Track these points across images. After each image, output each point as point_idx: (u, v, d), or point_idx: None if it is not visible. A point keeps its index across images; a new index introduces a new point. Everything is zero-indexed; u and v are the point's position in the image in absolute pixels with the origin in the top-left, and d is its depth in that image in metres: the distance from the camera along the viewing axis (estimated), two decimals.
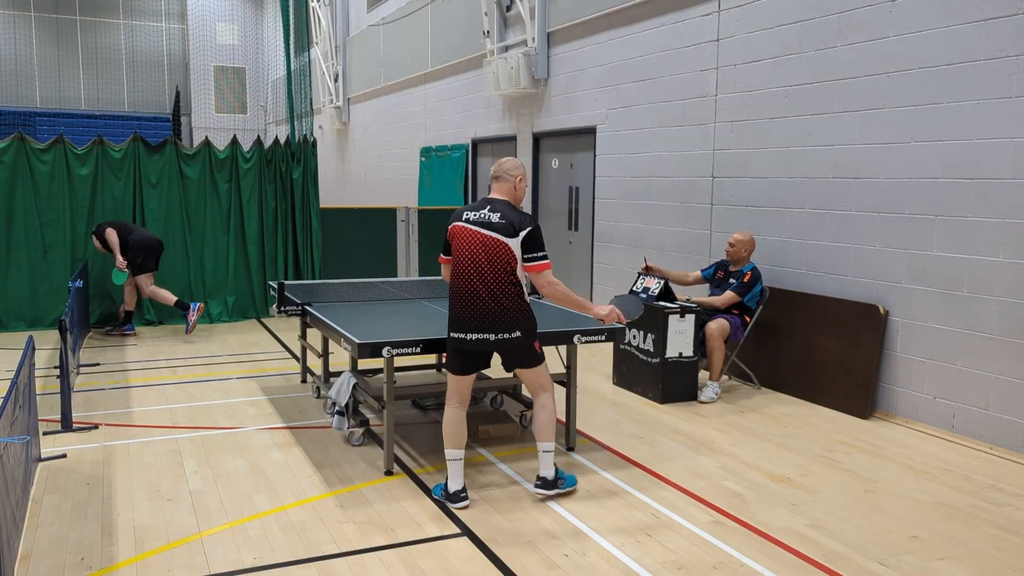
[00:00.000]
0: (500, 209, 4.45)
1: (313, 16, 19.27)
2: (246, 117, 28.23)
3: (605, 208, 9.73)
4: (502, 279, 4.39)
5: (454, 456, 4.56)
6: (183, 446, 5.54)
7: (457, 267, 4.47)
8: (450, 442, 4.57)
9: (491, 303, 4.38)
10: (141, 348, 8.62)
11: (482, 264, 4.39)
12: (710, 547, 4.10)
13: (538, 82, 10.89)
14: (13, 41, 25.27)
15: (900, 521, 4.44)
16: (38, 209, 9.39)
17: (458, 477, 4.56)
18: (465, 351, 4.51)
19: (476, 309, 4.40)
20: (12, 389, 3.98)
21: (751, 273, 6.95)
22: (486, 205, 4.49)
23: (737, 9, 7.61)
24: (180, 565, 3.85)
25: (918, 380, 6.14)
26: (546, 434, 4.62)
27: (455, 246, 4.48)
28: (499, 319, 4.40)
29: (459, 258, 4.46)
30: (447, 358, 4.63)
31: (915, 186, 6.11)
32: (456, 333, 4.48)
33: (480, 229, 4.42)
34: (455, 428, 4.57)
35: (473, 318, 4.41)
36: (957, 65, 5.77)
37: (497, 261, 4.38)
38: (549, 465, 4.62)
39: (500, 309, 4.39)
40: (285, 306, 6.25)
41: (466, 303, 4.42)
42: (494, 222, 4.41)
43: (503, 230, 4.38)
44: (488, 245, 4.39)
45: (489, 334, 4.41)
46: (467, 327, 4.43)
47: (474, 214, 4.48)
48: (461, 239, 4.46)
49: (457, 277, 4.47)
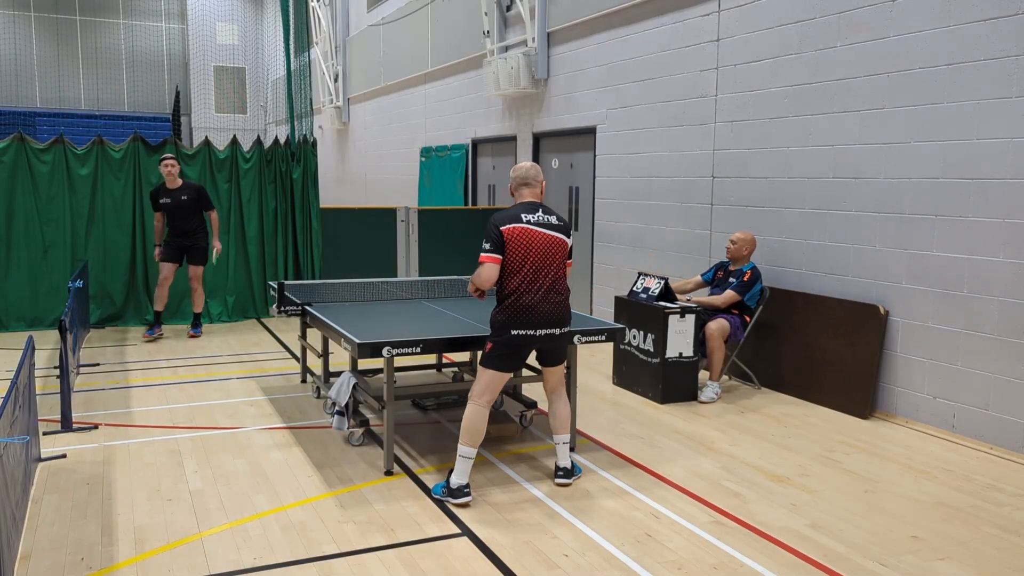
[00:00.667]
0: (553, 212, 4.74)
1: (313, 16, 19.27)
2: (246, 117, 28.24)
3: (605, 208, 9.73)
4: (563, 276, 4.70)
5: (469, 454, 4.59)
6: (183, 446, 5.54)
7: (523, 267, 4.55)
8: (470, 440, 4.60)
9: (558, 299, 4.62)
10: (141, 348, 8.63)
11: (550, 263, 4.60)
12: (710, 547, 4.10)
13: (538, 82, 10.89)
14: (13, 41, 25.28)
15: (900, 521, 4.44)
16: (38, 209, 9.39)
17: (465, 474, 4.59)
18: (523, 347, 4.63)
19: (546, 306, 4.57)
20: (12, 389, 3.98)
21: (751, 272, 6.95)
22: (537, 208, 4.68)
23: (737, 9, 7.61)
24: (180, 565, 3.85)
25: (918, 380, 6.14)
26: (568, 427, 4.93)
27: (519, 247, 4.55)
28: (563, 313, 4.67)
29: (526, 258, 4.55)
30: (496, 356, 4.63)
31: (915, 186, 6.11)
32: (522, 330, 4.56)
33: (545, 231, 4.61)
34: (479, 427, 4.61)
35: (542, 315, 4.56)
36: (957, 65, 5.77)
37: (561, 259, 4.67)
38: (567, 455, 4.92)
39: (564, 304, 4.68)
40: (285, 306, 6.25)
41: (537, 301, 4.54)
42: (555, 224, 4.67)
43: (563, 231, 4.69)
44: (554, 245, 4.62)
45: (555, 328, 4.63)
46: (535, 323, 4.55)
47: (533, 216, 4.63)
48: (527, 240, 4.56)
49: (524, 276, 4.54)
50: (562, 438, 4.90)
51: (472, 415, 4.63)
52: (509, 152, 12.03)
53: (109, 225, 9.66)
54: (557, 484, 4.84)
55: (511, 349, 4.61)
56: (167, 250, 8.99)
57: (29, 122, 24.06)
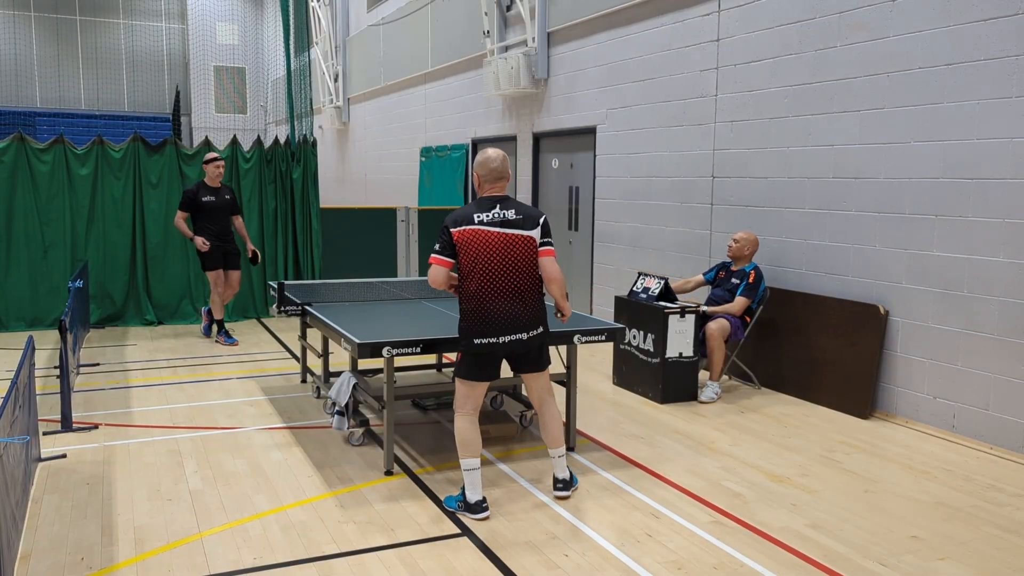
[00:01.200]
0: (513, 205, 4.39)
1: (313, 16, 19.26)
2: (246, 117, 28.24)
3: (605, 208, 9.73)
4: (529, 276, 4.37)
5: (472, 466, 4.42)
6: (183, 446, 5.54)
7: (478, 271, 4.29)
8: (468, 451, 4.43)
9: (521, 302, 4.34)
10: (141, 348, 8.62)
11: (509, 264, 4.31)
12: (710, 547, 4.10)
13: (538, 82, 10.89)
14: (13, 41, 25.27)
15: (900, 521, 4.44)
16: (38, 209, 9.39)
17: (477, 487, 4.42)
18: (492, 355, 4.40)
19: (508, 310, 4.31)
20: (12, 389, 3.98)
21: (755, 273, 6.95)
22: (494, 204, 4.36)
23: (737, 9, 7.61)
24: (180, 565, 3.85)
25: (918, 380, 6.14)
26: (562, 439, 4.70)
27: (471, 251, 4.29)
28: (530, 317, 4.38)
29: (480, 262, 4.29)
30: (464, 365, 4.44)
31: (915, 186, 6.11)
32: (484, 338, 4.33)
33: (500, 229, 4.31)
34: (472, 436, 4.44)
35: (505, 320, 4.31)
36: (957, 65, 5.77)
37: (524, 258, 4.34)
38: (565, 467, 4.72)
39: (530, 307, 4.38)
40: (285, 306, 6.25)
41: (496, 306, 4.30)
42: (512, 219, 4.34)
43: (523, 225, 4.35)
44: (512, 244, 4.31)
45: (522, 333, 4.36)
46: (498, 330, 4.31)
47: (486, 215, 4.32)
48: (479, 242, 4.29)
49: (480, 281, 4.29)
50: (557, 452, 4.67)
51: (461, 426, 4.46)
52: (509, 152, 12.03)
53: (109, 225, 9.66)
54: (556, 497, 4.66)
55: (476, 358, 4.40)
56: (212, 254, 8.63)
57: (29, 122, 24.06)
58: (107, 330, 9.53)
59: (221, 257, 8.72)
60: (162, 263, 9.92)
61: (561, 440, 4.69)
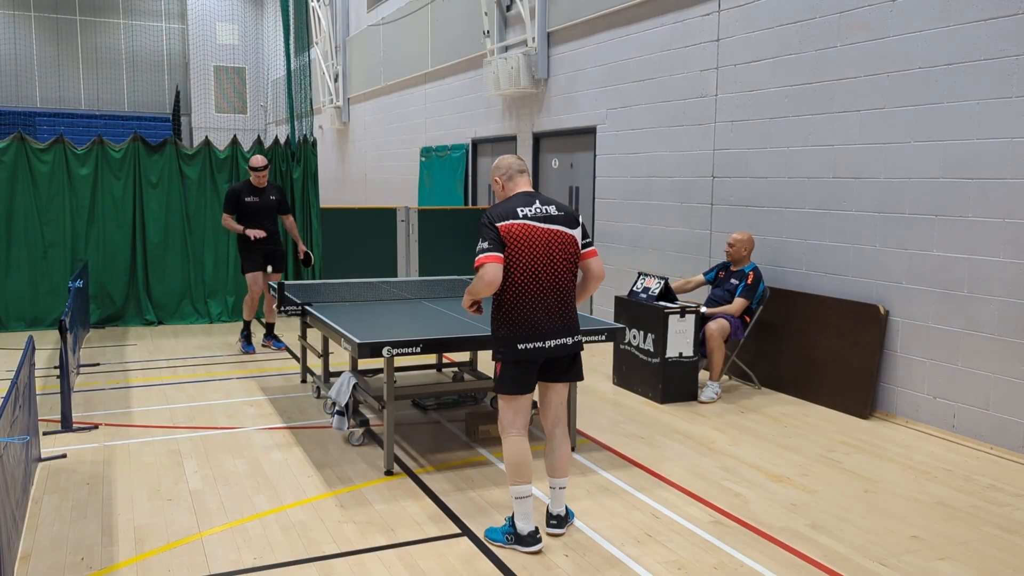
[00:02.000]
0: (551, 201, 4.06)
1: (313, 16, 19.26)
2: (246, 117, 28.24)
3: (605, 208, 9.73)
4: (571, 276, 4.03)
5: (524, 493, 3.97)
6: (183, 446, 5.54)
7: (523, 269, 3.91)
8: (520, 477, 3.96)
9: (565, 304, 4.00)
10: (141, 348, 8.63)
11: (554, 262, 3.95)
12: (710, 547, 4.10)
13: (538, 82, 10.89)
14: (13, 41, 25.27)
15: (900, 521, 4.44)
16: (38, 209, 9.39)
17: (530, 516, 3.99)
18: (535, 362, 3.99)
19: (553, 312, 3.96)
20: (12, 389, 3.98)
21: (753, 273, 6.95)
22: (534, 199, 4.01)
23: (737, 9, 7.61)
24: (180, 565, 3.85)
25: (918, 380, 6.14)
26: (566, 470, 4.21)
27: (517, 247, 3.90)
28: (573, 320, 4.04)
29: (526, 258, 3.91)
30: (507, 379, 4.00)
31: (915, 186, 6.11)
32: (531, 343, 3.93)
33: (544, 225, 3.95)
34: (524, 459, 3.97)
35: (550, 323, 3.95)
36: (957, 65, 5.77)
37: (568, 257, 4.00)
38: (563, 502, 4.24)
39: (572, 309, 4.06)
40: (285, 306, 6.25)
41: (541, 308, 3.93)
42: (555, 215, 3.99)
43: (566, 222, 4.01)
44: (557, 240, 3.96)
45: (567, 337, 4.00)
46: (544, 334, 3.93)
47: (529, 210, 3.95)
48: (526, 238, 3.91)
49: (525, 281, 3.91)
50: (559, 482, 4.17)
51: (513, 449, 4.00)
52: (509, 152, 12.03)
53: (109, 225, 9.67)
54: (549, 534, 4.17)
55: (522, 366, 3.98)
56: (253, 256, 8.23)
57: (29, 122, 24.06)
58: (107, 330, 9.53)
59: (262, 259, 8.24)
60: (162, 263, 9.92)
61: (566, 470, 4.20)
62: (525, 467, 3.97)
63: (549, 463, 4.19)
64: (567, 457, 4.20)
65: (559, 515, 4.20)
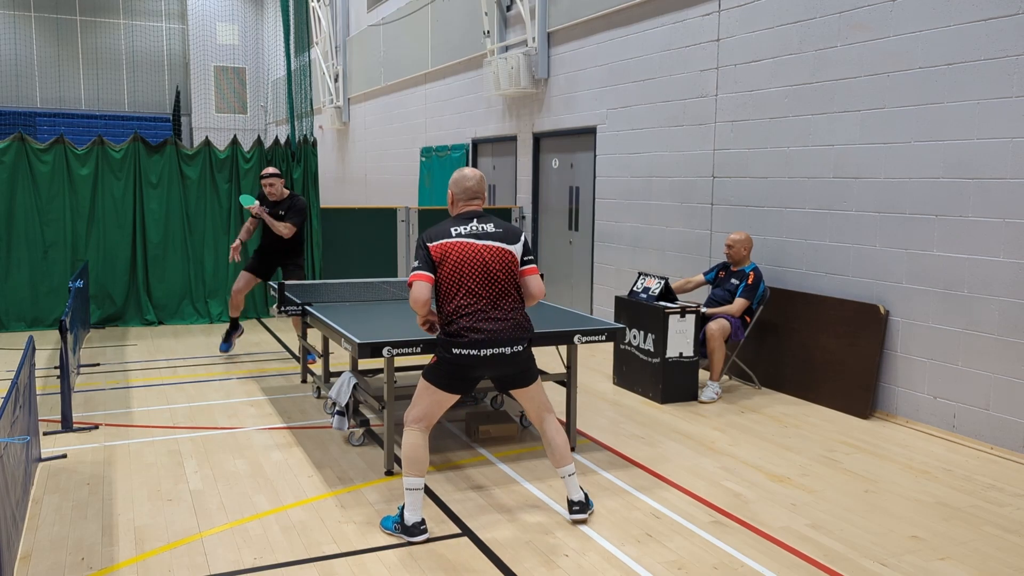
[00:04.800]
0: (491, 220, 4.30)
1: (313, 16, 19.26)
2: (246, 117, 28.24)
3: (605, 208, 9.73)
4: (511, 289, 4.23)
5: (416, 485, 4.16)
6: (183, 446, 5.54)
7: (458, 285, 4.15)
8: (415, 468, 4.16)
9: (503, 316, 4.17)
10: (141, 348, 8.63)
11: (490, 276, 4.17)
12: (710, 547, 4.10)
13: (538, 82, 10.89)
14: (13, 41, 25.28)
15: (900, 521, 4.44)
16: (38, 209, 9.40)
17: (418, 508, 4.16)
18: (468, 369, 4.18)
19: (490, 324, 4.14)
20: (12, 389, 3.98)
21: (754, 273, 6.95)
22: (471, 219, 4.26)
23: (737, 9, 7.61)
24: (180, 565, 3.85)
25: (918, 380, 6.14)
26: (569, 457, 4.40)
27: (452, 262, 4.15)
28: (511, 331, 4.19)
29: (462, 273, 4.14)
30: (437, 370, 4.22)
31: (915, 186, 6.11)
32: (465, 350, 4.12)
33: (479, 241, 4.19)
34: (423, 454, 4.19)
35: (487, 334, 4.12)
36: (957, 65, 5.77)
37: (504, 271, 4.20)
38: (578, 487, 4.43)
39: (513, 320, 4.20)
40: (285, 306, 6.25)
41: (478, 320, 4.12)
42: (491, 232, 4.24)
43: (503, 238, 4.24)
44: (494, 256, 4.19)
45: (505, 347, 4.16)
46: (479, 344, 4.11)
47: (464, 228, 4.21)
48: (460, 254, 4.16)
49: (460, 295, 4.14)
50: (566, 470, 4.38)
51: (413, 443, 4.18)
52: (510, 152, 12.04)
53: (109, 225, 9.67)
54: (572, 521, 4.36)
55: (455, 369, 4.18)
56: (253, 258, 8.01)
57: (29, 122, 24.08)
58: (107, 330, 9.54)
59: (264, 267, 7.95)
60: (162, 263, 9.93)
61: (568, 457, 4.38)
62: (419, 462, 4.18)
63: (550, 456, 4.41)
64: (563, 445, 4.38)
65: (579, 501, 4.39)
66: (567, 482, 4.39)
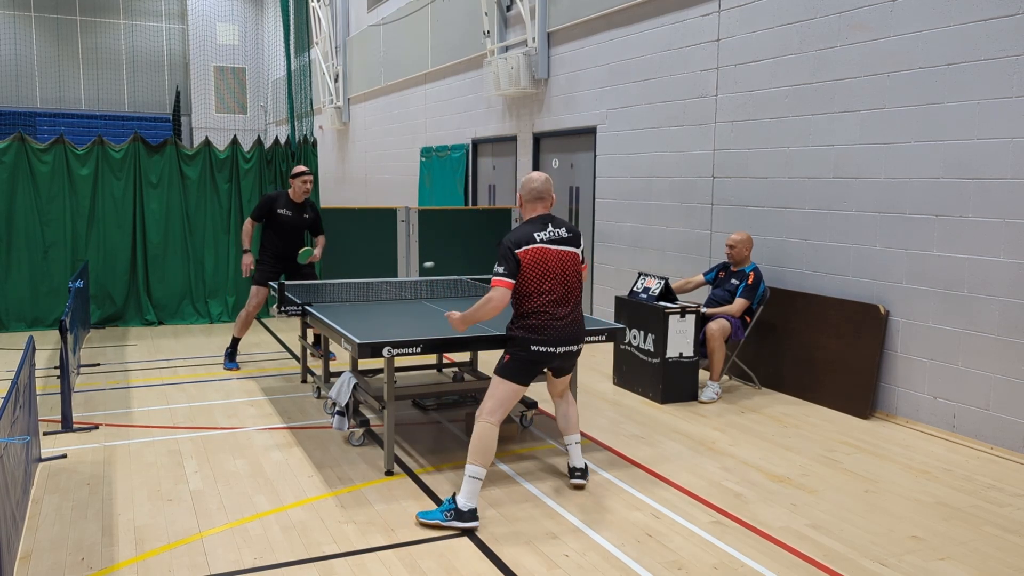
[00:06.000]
0: (562, 223, 4.62)
1: (313, 16, 19.26)
2: (246, 117, 28.23)
3: (605, 208, 9.73)
4: (579, 288, 4.61)
5: (479, 474, 4.35)
6: (183, 446, 5.54)
7: (541, 287, 4.43)
8: (482, 459, 4.36)
9: (576, 315, 4.57)
10: (141, 348, 8.63)
11: (567, 279, 4.51)
12: (710, 547, 4.10)
13: (538, 82, 10.89)
14: (13, 41, 25.27)
15: (900, 521, 4.44)
16: (38, 209, 9.40)
17: (475, 496, 4.33)
18: (541, 363, 4.52)
19: (568, 324, 4.50)
20: (12, 389, 3.98)
21: (754, 273, 6.95)
22: (547, 222, 4.56)
23: (737, 9, 7.61)
24: (180, 565, 3.86)
25: (918, 380, 6.14)
26: (577, 427, 4.96)
27: (537, 268, 4.44)
28: (580, 329, 4.61)
29: (544, 279, 4.44)
30: (513, 366, 4.49)
31: (915, 186, 6.11)
32: (543, 347, 4.46)
33: (559, 247, 4.52)
34: (491, 445, 4.40)
35: (565, 333, 4.49)
36: (957, 65, 5.77)
37: (576, 273, 4.58)
38: (580, 455, 4.93)
39: (581, 319, 4.63)
40: (285, 306, 6.25)
41: (557, 320, 4.45)
42: (565, 237, 4.57)
43: (573, 242, 4.60)
44: (568, 259, 4.54)
45: (573, 345, 4.57)
46: (556, 341, 4.47)
47: (545, 234, 4.51)
48: (544, 260, 4.45)
49: (543, 297, 4.43)
50: (573, 438, 4.91)
51: (483, 434, 4.39)
52: (510, 152, 12.04)
53: (109, 225, 9.67)
54: (573, 486, 4.83)
55: (530, 364, 4.49)
56: (267, 271, 7.53)
57: (29, 122, 24.07)
58: (107, 330, 9.54)
59: (269, 277, 7.51)
60: (162, 263, 9.93)
61: (576, 427, 4.94)
62: (488, 452, 4.39)
63: (560, 425, 4.96)
64: (574, 417, 4.95)
65: (581, 468, 4.88)
66: (572, 449, 4.91)
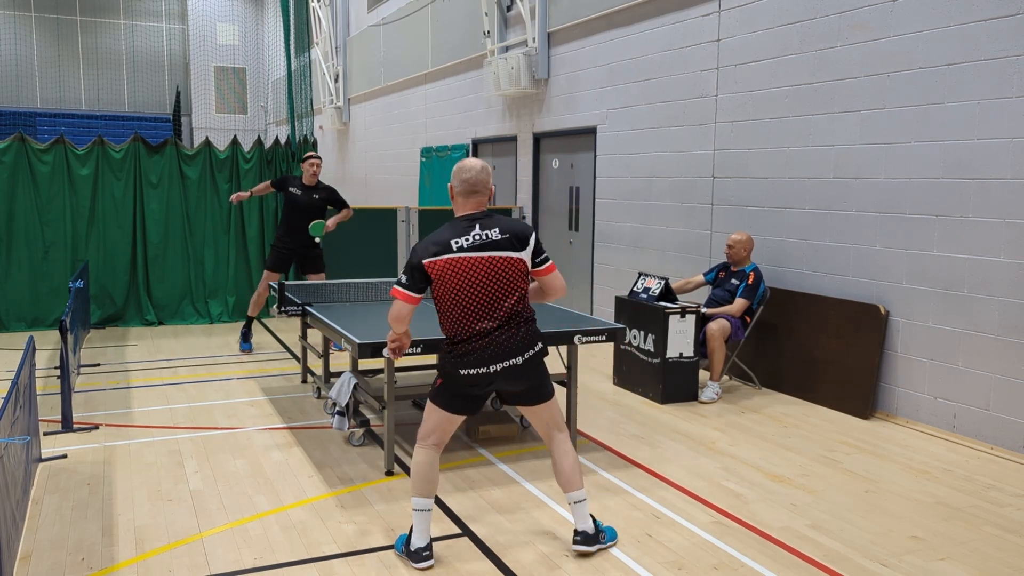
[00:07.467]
0: (496, 222, 3.80)
1: (313, 16, 19.26)
2: (246, 117, 28.23)
3: (605, 208, 9.73)
4: (516, 299, 3.78)
5: (424, 506, 3.84)
6: (183, 446, 5.54)
7: (461, 303, 3.74)
8: (423, 489, 3.84)
9: (513, 327, 3.77)
10: (141, 348, 8.63)
11: (496, 290, 3.74)
12: (710, 547, 4.10)
13: (538, 82, 10.89)
14: (13, 41, 25.27)
15: (900, 521, 4.44)
16: (38, 209, 9.40)
17: (425, 532, 3.85)
18: (476, 387, 3.82)
19: (499, 339, 3.75)
20: (13, 389, 3.98)
21: (754, 274, 6.95)
22: (473, 225, 3.77)
23: (737, 9, 7.61)
24: (180, 565, 3.86)
25: (918, 380, 6.14)
26: (576, 481, 3.94)
27: (450, 283, 3.74)
28: (522, 338, 3.79)
29: (464, 293, 3.73)
30: (443, 393, 3.89)
31: (915, 186, 6.11)
32: (473, 369, 3.75)
33: (484, 253, 3.72)
34: (432, 474, 3.86)
35: (497, 350, 3.75)
36: (957, 65, 5.77)
37: (512, 283, 3.77)
38: (586, 516, 3.97)
39: (520, 329, 3.80)
40: (285, 306, 6.25)
41: (483, 337, 3.74)
42: (497, 239, 3.75)
43: (510, 245, 3.76)
44: (500, 268, 3.74)
45: (515, 357, 3.76)
46: (488, 359, 3.74)
47: (467, 239, 3.73)
48: (461, 271, 3.72)
49: (464, 315, 3.75)
50: (573, 496, 3.94)
51: (421, 460, 3.87)
52: (510, 152, 12.04)
53: (109, 225, 9.68)
54: (574, 551, 3.96)
55: (462, 388, 3.83)
56: (276, 256, 8.10)
57: (29, 122, 24.06)
58: (107, 330, 9.54)
59: (287, 261, 8.11)
60: (162, 263, 9.93)
61: (576, 481, 3.94)
62: (426, 481, 3.85)
63: (557, 479, 3.99)
64: (573, 468, 3.94)
65: (583, 532, 3.96)
66: (573, 508, 3.97)
